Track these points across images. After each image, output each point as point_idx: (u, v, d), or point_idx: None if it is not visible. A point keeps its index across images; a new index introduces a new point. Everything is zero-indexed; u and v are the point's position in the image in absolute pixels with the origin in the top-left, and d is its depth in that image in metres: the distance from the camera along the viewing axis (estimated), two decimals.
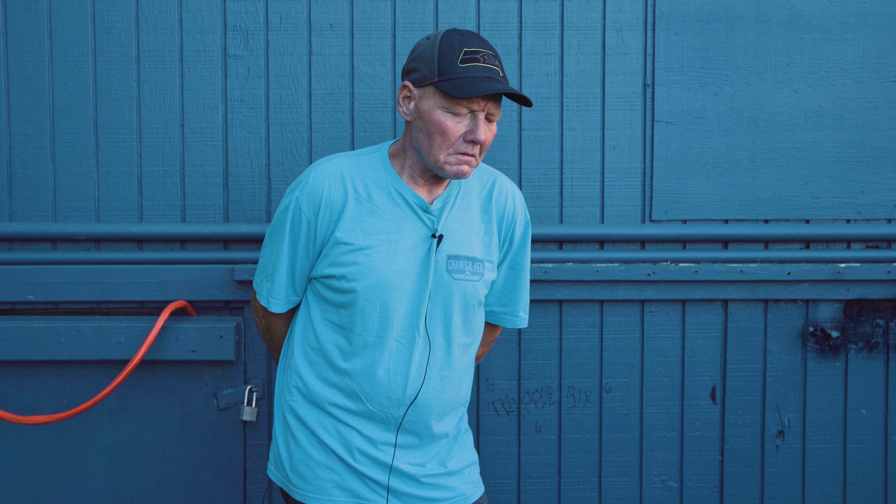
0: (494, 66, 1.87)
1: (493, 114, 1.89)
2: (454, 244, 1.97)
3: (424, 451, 2.01)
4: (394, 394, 1.95)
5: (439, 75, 1.86)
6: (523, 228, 2.09)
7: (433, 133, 1.87)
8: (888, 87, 2.61)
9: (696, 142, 2.59)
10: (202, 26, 2.52)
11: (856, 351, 2.65)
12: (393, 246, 1.93)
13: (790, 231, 2.61)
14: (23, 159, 2.51)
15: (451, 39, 1.88)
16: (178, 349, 2.48)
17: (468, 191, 2.02)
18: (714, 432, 2.66)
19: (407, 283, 1.93)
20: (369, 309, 1.93)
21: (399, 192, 1.95)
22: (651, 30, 2.57)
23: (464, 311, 1.99)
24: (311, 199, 1.94)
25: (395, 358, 1.95)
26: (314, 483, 1.99)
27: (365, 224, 1.93)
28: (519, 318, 2.16)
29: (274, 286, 2.02)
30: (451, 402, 2.02)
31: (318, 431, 1.99)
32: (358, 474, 1.98)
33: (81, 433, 2.55)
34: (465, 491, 2.05)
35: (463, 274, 1.97)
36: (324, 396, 1.98)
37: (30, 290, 2.50)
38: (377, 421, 1.97)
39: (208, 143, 2.54)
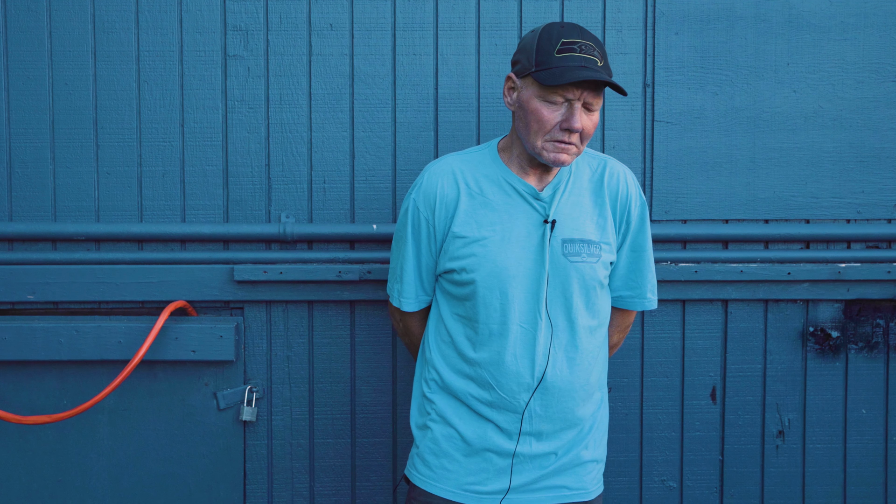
0: (592, 56, 1.91)
1: (591, 103, 1.93)
2: (568, 228, 2.02)
3: (557, 439, 2.06)
4: (522, 378, 2.01)
5: (536, 65, 1.92)
6: (640, 209, 2.13)
7: (531, 121, 1.94)
8: (888, 87, 2.61)
9: (696, 142, 2.59)
10: (202, 26, 2.52)
11: (856, 351, 2.65)
12: (507, 234, 2.00)
13: (790, 231, 2.60)
14: (23, 159, 2.51)
15: (551, 31, 1.94)
16: (178, 349, 2.48)
17: (579, 176, 2.07)
18: (714, 432, 2.66)
19: (523, 268, 1.99)
20: (490, 297, 2.00)
21: (509, 183, 2.03)
22: (651, 30, 2.57)
23: (584, 293, 2.03)
24: (426, 198, 2.04)
25: (521, 343, 2.01)
26: (437, 471, 2.07)
27: (479, 216, 2.02)
28: (647, 300, 2.20)
29: (403, 286, 2.12)
30: (582, 386, 2.06)
31: (455, 421, 2.06)
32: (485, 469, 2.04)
33: (81, 433, 2.55)
34: (587, 485, 2.10)
35: (579, 256, 2.02)
36: (459, 388, 2.06)
37: (30, 290, 2.50)
38: (510, 410, 2.02)
39: (208, 143, 2.54)
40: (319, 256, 2.54)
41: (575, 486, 2.08)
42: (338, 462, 2.60)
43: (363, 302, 2.56)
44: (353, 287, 2.53)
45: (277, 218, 2.55)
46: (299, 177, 2.55)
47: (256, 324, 2.56)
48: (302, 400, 2.58)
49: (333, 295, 2.54)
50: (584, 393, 2.07)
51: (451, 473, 2.06)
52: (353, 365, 2.59)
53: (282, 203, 2.55)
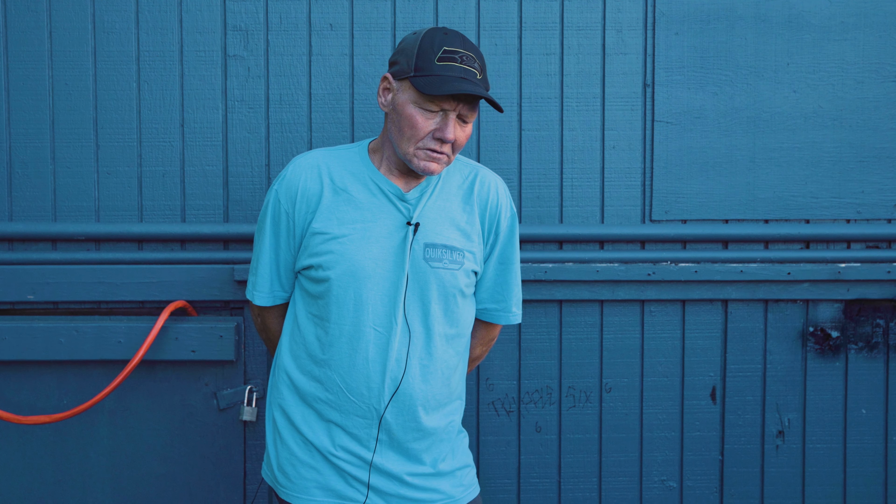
0: (472, 69, 1.88)
1: (466, 115, 1.89)
2: (432, 233, 1.96)
3: (412, 449, 1.99)
4: (373, 383, 1.94)
5: (415, 70, 1.87)
6: (509, 221, 2.07)
7: (404, 126, 1.89)
8: (888, 87, 2.61)
9: (696, 142, 2.59)
10: (202, 26, 2.52)
11: (856, 351, 2.65)
12: (367, 234, 1.94)
13: (790, 231, 2.61)
14: (23, 159, 2.52)
15: (433, 37, 1.90)
16: (178, 349, 2.48)
17: (448, 182, 2.03)
18: (714, 432, 2.66)
19: (381, 270, 1.93)
20: (343, 297, 1.93)
21: (375, 183, 1.97)
22: (651, 30, 2.57)
23: (443, 300, 1.97)
24: (288, 191, 1.98)
25: (374, 347, 1.94)
26: (297, 482, 2.00)
27: (341, 213, 1.95)
28: (512, 314, 2.13)
29: (258, 279, 2.05)
30: (437, 396, 1.99)
31: (303, 428, 1.99)
32: (340, 472, 1.97)
33: (81, 433, 2.55)
34: (454, 493, 2.03)
35: (441, 262, 1.96)
36: (308, 391, 1.99)
37: (30, 290, 2.50)
38: (360, 415, 1.96)
39: (208, 143, 2.54)
40: None
41: (437, 498, 2.01)
42: None
43: None
44: None
45: None
46: None
47: None
48: None
49: None
50: (436, 403, 2.00)
51: (308, 481, 1.99)
52: None
53: None
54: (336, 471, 1.98)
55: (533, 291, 2.54)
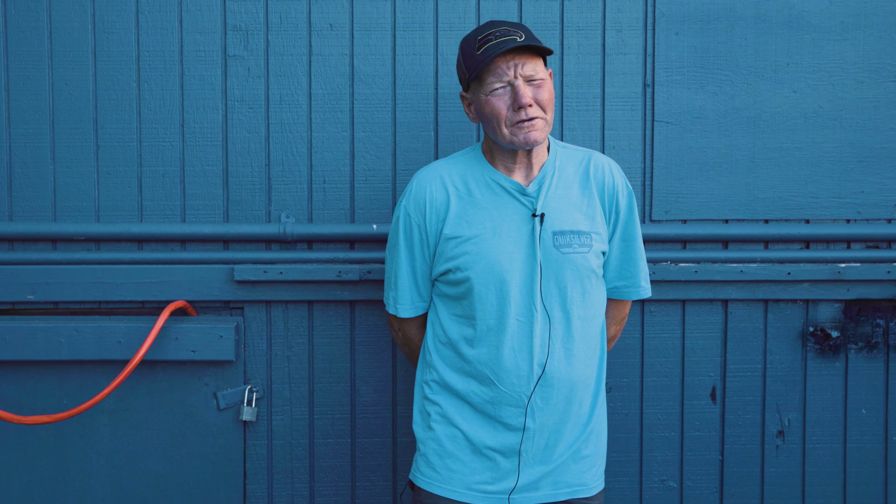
0: (510, 37, 1.98)
1: (531, 75, 2.00)
2: (557, 220, 2.05)
3: (559, 434, 2.07)
4: (521, 371, 2.03)
5: (468, 71, 2.03)
6: (627, 199, 2.16)
7: (490, 119, 2.03)
8: (888, 87, 2.61)
9: (696, 142, 2.59)
10: (202, 26, 2.52)
11: (856, 351, 2.65)
12: (498, 230, 2.03)
13: (790, 231, 2.60)
14: (23, 159, 2.51)
15: (469, 39, 2.07)
16: (178, 349, 2.48)
17: (564, 169, 2.11)
18: (714, 432, 2.66)
19: (517, 262, 2.03)
20: (485, 293, 2.03)
21: (496, 182, 2.07)
22: (651, 30, 2.57)
23: (579, 283, 2.06)
24: (417, 205, 2.09)
25: (518, 336, 2.03)
26: (442, 472, 2.08)
27: (469, 216, 2.06)
28: (642, 289, 2.23)
29: (399, 293, 2.15)
30: (581, 378, 2.08)
31: (458, 421, 2.08)
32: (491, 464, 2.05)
33: (81, 433, 2.55)
34: (587, 481, 2.12)
35: (571, 247, 2.05)
36: (461, 387, 2.07)
37: (30, 290, 2.50)
38: (512, 405, 2.04)
39: (208, 143, 2.54)
40: (319, 256, 2.54)
41: (576, 482, 2.10)
42: (338, 462, 2.60)
43: (363, 302, 2.56)
44: (353, 287, 2.53)
45: (277, 218, 2.55)
46: (299, 177, 2.55)
47: (256, 324, 2.56)
48: (302, 400, 2.58)
49: (333, 295, 2.54)
50: (583, 384, 2.09)
51: (455, 474, 2.07)
52: (353, 365, 2.58)
53: (282, 203, 2.55)
54: (485, 465, 2.06)
55: None
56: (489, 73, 2.00)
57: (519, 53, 1.99)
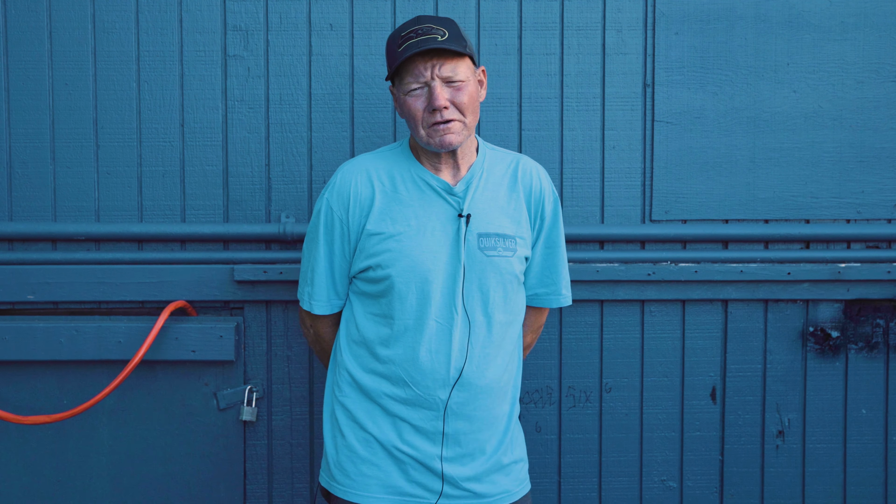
0: (432, 35, 1.92)
1: (449, 76, 1.94)
2: (483, 222, 2.01)
3: (476, 440, 2.01)
4: (438, 374, 1.98)
5: (389, 68, 2.00)
6: (553, 205, 2.12)
7: (408, 118, 1.99)
8: (888, 87, 2.61)
9: (696, 142, 2.59)
10: (202, 26, 2.52)
11: (856, 351, 2.65)
12: (422, 229, 1.98)
13: (790, 231, 2.60)
14: (23, 159, 2.52)
15: (394, 35, 2.00)
16: (178, 349, 2.48)
17: (492, 171, 2.07)
18: (714, 432, 2.66)
19: (440, 263, 1.98)
20: (406, 292, 1.97)
21: (423, 179, 2.02)
22: (651, 30, 2.57)
23: (502, 287, 2.01)
24: (340, 198, 2.02)
25: (436, 338, 1.98)
26: (356, 479, 2.02)
27: (393, 213, 2.00)
28: (562, 297, 2.18)
29: (315, 289, 2.08)
30: (499, 384, 2.03)
31: (368, 424, 2.01)
32: (404, 469, 2.00)
33: (81, 433, 2.55)
34: (510, 487, 2.06)
35: (495, 250, 2.00)
36: (372, 387, 2.02)
37: (30, 290, 2.50)
38: (426, 407, 1.99)
39: (208, 143, 2.54)
40: None
41: (497, 491, 2.03)
42: None
43: None
44: None
45: (277, 218, 2.55)
46: (299, 177, 2.55)
47: (256, 324, 2.56)
48: (302, 400, 2.58)
49: None
50: (501, 390, 2.04)
51: (371, 479, 2.00)
52: None
53: (282, 203, 2.55)
54: (398, 466, 2.00)
55: None
56: (407, 73, 1.94)
57: (438, 54, 1.92)
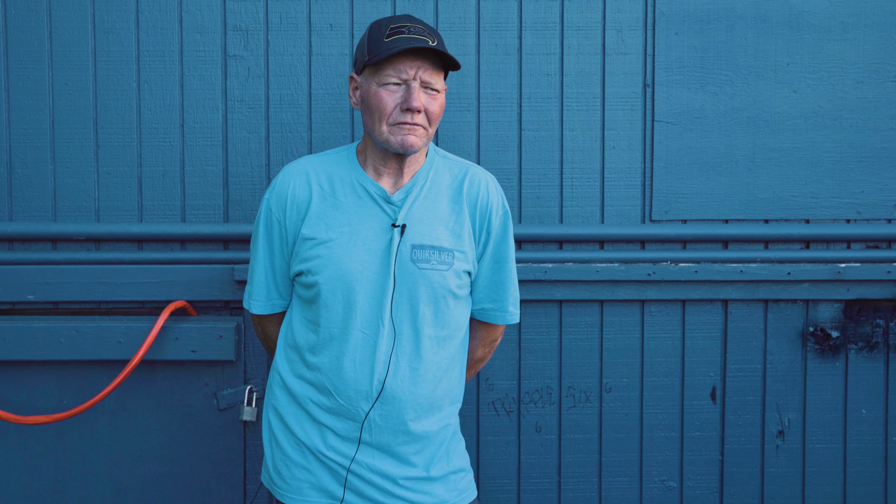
0: (422, 37, 1.89)
1: (430, 82, 1.91)
2: (419, 234, 1.95)
3: (401, 453, 1.97)
4: (360, 385, 1.94)
5: (369, 54, 1.91)
6: (501, 219, 2.05)
7: (373, 109, 1.91)
8: (888, 87, 2.61)
9: (696, 142, 2.59)
10: (202, 26, 2.52)
11: (856, 351, 2.65)
12: (354, 237, 1.94)
13: (790, 231, 2.61)
14: (23, 159, 2.52)
15: (381, 23, 1.95)
16: (178, 349, 2.48)
17: (437, 181, 2.01)
18: (714, 432, 2.66)
19: (368, 272, 1.93)
20: (332, 300, 1.94)
21: (361, 185, 1.98)
22: (651, 30, 2.57)
23: (433, 302, 1.96)
24: (279, 200, 2.00)
25: (361, 349, 1.94)
26: (291, 483, 2.01)
27: (328, 218, 1.96)
28: (509, 314, 2.11)
29: (253, 287, 2.07)
30: (428, 399, 1.98)
31: (296, 429, 2.00)
32: (333, 472, 1.97)
33: (81, 433, 2.55)
34: (447, 497, 2.01)
35: (429, 263, 1.95)
36: (300, 393, 2.00)
37: (30, 290, 2.50)
38: (349, 417, 1.96)
39: (208, 143, 2.54)
40: None
41: (430, 501, 1.99)
42: None
43: None
44: None
45: None
46: None
47: None
48: None
49: None
50: (427, 406, 1.98)
51: (303, 483, 1.99)
52: None
53: None
54: (328, 471, 1.98)
55: (533, 291, 2.54)
56: (389, 66, 1.89)
57: (425, 58, 1.89)
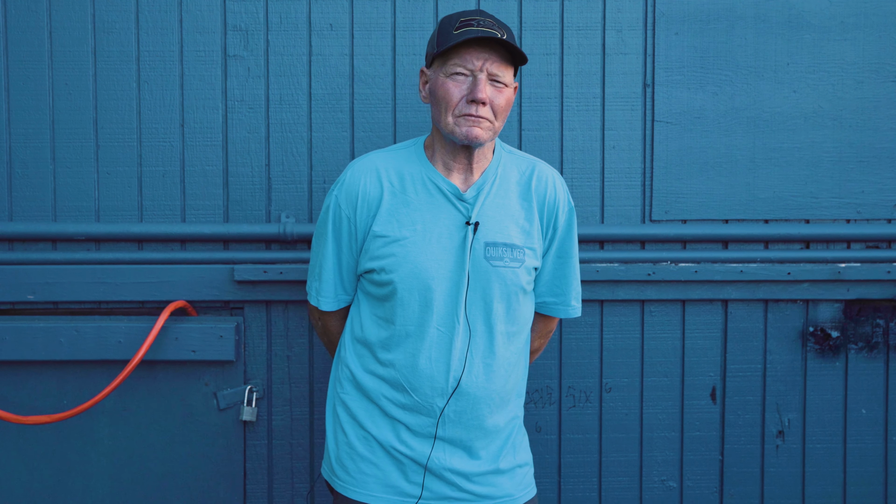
0: (491, 30, 1.90)
1: (497, 74, 1.91)
2: (491, 231, 1.97)
3: (473, 447, 2.00)
4: (436, 383, 1.96)
5: (438, 45, 1.93)
6: (567, 215, 2.08)
7: (440, 102, 1.93)
8: (888, 87, 2.61)
9: (696, 142, 2.59)
10: (202, 26, 2.52)
11: (856, 351, 2.65)
12: (428, 235, 1.95)
13: (790, 231, 2.61)
14: (23, 159, 2.52)
15: (451, 16, 1.97)
16: (178, 349, 2.48)
17: (506, 178, 2.03)
18: (714, 432, 2.66)
19: (444, 271, 1.95)
20: (408, 298, 1.95)
21: (433, 182, 1.99)
22: (651, 30, 2.57)
23: (505, 299, 1.98)
24: (348, 196, 2.00)
25: (436, 346, 1.96)
26: (356, 476, 2.02)
27: (400, 215, 1.97)
28: (571, 307, 2.14)
29: (322, 285, 2.07)
30: (500, 394, 2.01)
31: (367, 423, 2.01)
32: (401, 468, 1.99)
33: (81, 433, 2.55)
34: (511, 491, 2.04)
35: (502, 261, 1.97)
36: (372, 388, 2.01)
37: (30, 290, 2.50)
38: (423, 413, 1.98)
39: (208, 143, 2.54)
40: None
41: (499, 494, 2.02)
42: None
43: None
44: None
45: (277, 218, 2.55)
46: (299, 177, 2.55)
47: (256, 324, 2.56)
48: (302, 400, 2.58)
49: None
50: (499, 400, 2.01)
51: (370, 477, 2.00)
52: None
53: (282, 203, 2.55)
54: (397, 466, 2.00)
55: None
56: (456, 55, 1.90)
57: (493, 51, 1.90)
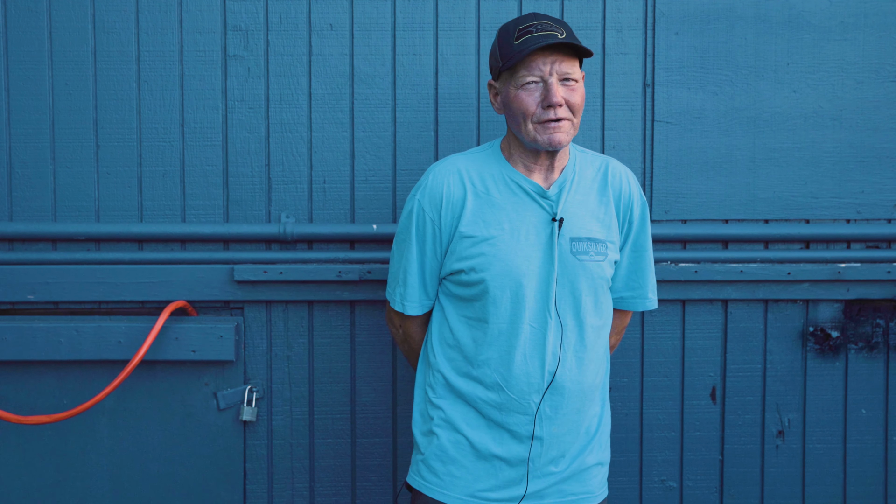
0: (550, 32, 1.93)
1: (567, 72, 1.95)
2: (575, 227, 2.01)
3: (566, 441, 2.03)
4: (532, 378, 1.99)
5: (502, 60, 1.98)
6: (641, 209, 2.13)
7: (516, 112, 1.97)
8: (888, 87, 2.61)
9: (696, 142, 2.59)
10: (202, 26, 2.52)
11: (856, 351, 2.65)
12: (515, 233, 1.99)
13: (790, 231, 2.60)
14: (23, 159, 2.52)
15: (507, 28, 2.01)
16: (178, 349, 2.48)
17: (583, 175, 2.08)
18: (714, 432, 2.66)
19: (533, 267, 1.98)
20: (500, 296, 1.98)
21: (515, 182, 2.02)
22: (651, 30, 2.57)
23: (593, 292, 2.03)
24: (432, 199, 2.03)
25: (531, 342, 1.99)
26: (445, 479, 2.04)
27: (486, 216, 2.00)
28: (648, 300, 2.19)
29: (407, 290, 2.09)
30: (591, 387, 2.05)
31: (463, 427, 2.03)
32: (493, 473, 2.01)
33: (81, 433, 2.55)
34: (593, 489, 2.08)
35: (588, 255, 2.01)
36: (468, 391, 2.03)
37: (30, 290, 2.50)
38: (519, 412, 2.00)
39: (208, 143, 2.54)
40: (319, 256, 2.54)
41: (580, 490, 2.06)
42: (338, 462, 2.60)
43: (363, 302, 2.56)
44: (353, 287, 2.53)
45: (277, 218, 2.55)
46: (299, 177, 2.55)
47: (256, 324, 2.56)
48: (302, 400, 2.58)
49: (333, 295, 2.54)
50: (591, 393, 2.06)
51: (458, 480, 2.03)
52: (353, 365, 2.59)
53: (282, 203, 2.55)
54: (488, 471, 2.02)
55: None
56: (523, 66, 1.94)
57: (557, 51, 1.93)
